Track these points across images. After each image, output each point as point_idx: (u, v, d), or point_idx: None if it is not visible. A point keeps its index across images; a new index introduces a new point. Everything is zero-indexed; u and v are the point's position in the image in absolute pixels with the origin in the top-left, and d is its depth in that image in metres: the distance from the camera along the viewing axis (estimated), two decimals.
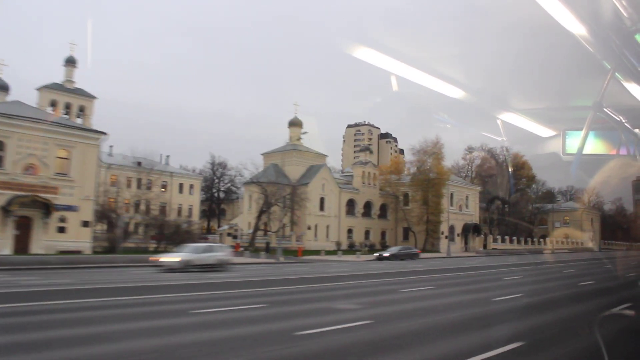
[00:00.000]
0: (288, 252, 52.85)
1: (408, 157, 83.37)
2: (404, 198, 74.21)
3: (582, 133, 8.63)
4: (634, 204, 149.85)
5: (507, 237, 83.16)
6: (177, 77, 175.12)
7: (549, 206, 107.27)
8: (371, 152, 74.15)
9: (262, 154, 70.82)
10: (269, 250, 54.79)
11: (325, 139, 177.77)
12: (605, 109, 8.36)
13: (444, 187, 70.16)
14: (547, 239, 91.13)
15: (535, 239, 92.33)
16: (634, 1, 6.26)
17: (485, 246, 77.83)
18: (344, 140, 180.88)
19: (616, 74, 7.70)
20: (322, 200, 65.54)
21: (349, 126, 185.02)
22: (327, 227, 65.59)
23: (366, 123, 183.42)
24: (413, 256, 45.79)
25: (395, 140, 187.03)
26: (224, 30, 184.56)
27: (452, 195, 74.12)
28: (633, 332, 8.41)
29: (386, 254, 44.45)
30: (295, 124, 69.91)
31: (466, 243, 76.03)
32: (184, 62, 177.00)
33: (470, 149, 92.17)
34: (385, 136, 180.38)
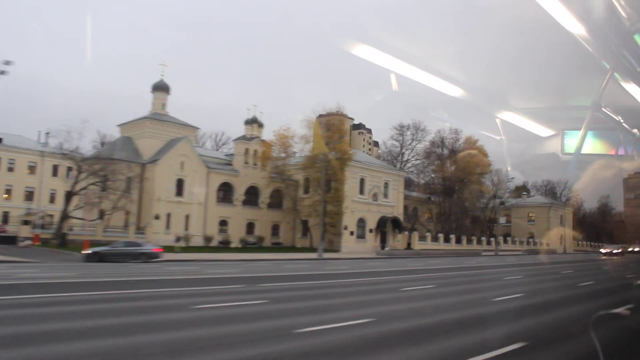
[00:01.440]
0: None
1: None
2: (304, 183, 59.80)
3: (580, 133, 9.49)
4: (625, 203, 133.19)
5: (441, 235, 68.05)
6: (175, 72, 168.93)
7: (513, 201, 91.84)
8: (260, 125, 59.32)
9: (119, 126, 56.91)
10: (64, 242, 41.08)
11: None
12: (603, 109, 9.09)
13: (346, 169, 55.76)
14: (500, 239, 75.68)
15: (484, 238, 77.17)
16: (633, 1, 6.76)
17: (409, 245, 63.08)
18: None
19: (615, 74, 8.37)
20: (180, 182, 51.34)
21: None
22: (187, 217, 51.34)
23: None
24: (139, 256, 29.61)
25: (369, 131, 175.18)
26: (223, 27, 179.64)
27: (362, 181, 59.51)
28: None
29: (87, 252, 29.29)
30: (160, 88, 55.77)
31: (383, 241, 61.04)
32: (182, 56, 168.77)
33: (400, 127, 77.12)
34: (358, 127, 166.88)
